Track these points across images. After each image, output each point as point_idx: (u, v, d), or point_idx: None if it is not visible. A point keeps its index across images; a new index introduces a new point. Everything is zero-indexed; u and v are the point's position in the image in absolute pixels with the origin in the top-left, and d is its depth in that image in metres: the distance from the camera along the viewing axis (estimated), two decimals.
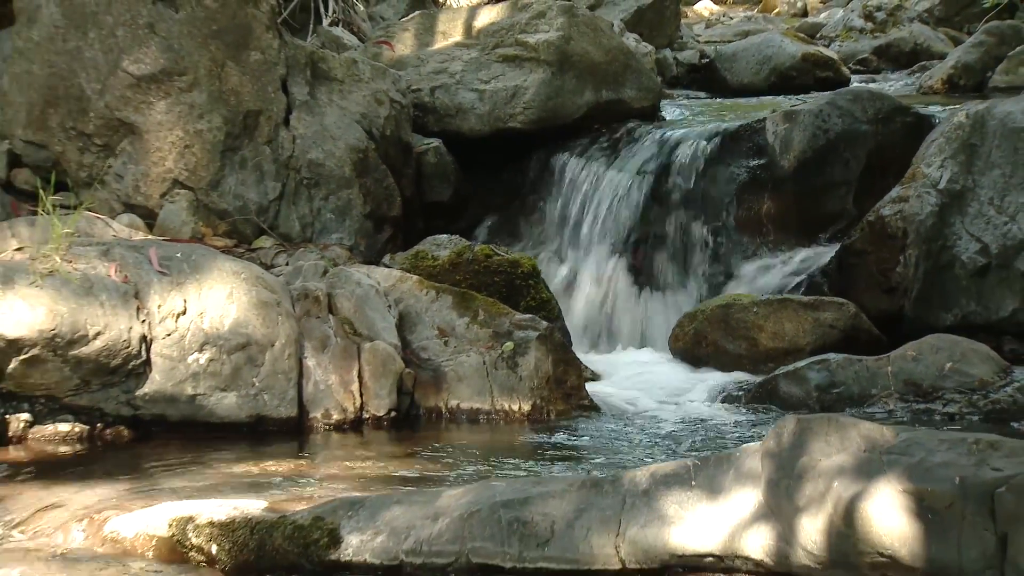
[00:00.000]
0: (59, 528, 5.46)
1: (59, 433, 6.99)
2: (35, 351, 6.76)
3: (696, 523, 4.84)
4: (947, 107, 10.07)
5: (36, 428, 6.97)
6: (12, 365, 6.78)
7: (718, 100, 12.40)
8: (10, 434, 6.90)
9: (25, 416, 6.95)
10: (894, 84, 12.85)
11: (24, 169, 9.15)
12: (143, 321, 6.99)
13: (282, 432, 7.16)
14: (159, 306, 7.06)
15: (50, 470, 6.42)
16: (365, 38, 11.78)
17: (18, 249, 7.46)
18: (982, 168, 8.59)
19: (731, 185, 9.85)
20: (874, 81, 13.15)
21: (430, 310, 7.78)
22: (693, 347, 8.63)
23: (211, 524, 5.25)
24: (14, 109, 9.21)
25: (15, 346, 6.73)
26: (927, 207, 8.63)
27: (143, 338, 6.97)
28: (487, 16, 11.13)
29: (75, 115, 9.08)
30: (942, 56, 13.55)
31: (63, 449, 6.89)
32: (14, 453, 6.74)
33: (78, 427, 7.02)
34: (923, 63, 13.81)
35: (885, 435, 4.89)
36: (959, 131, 8.76)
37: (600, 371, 8.39)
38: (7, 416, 6.92)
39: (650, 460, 6.13)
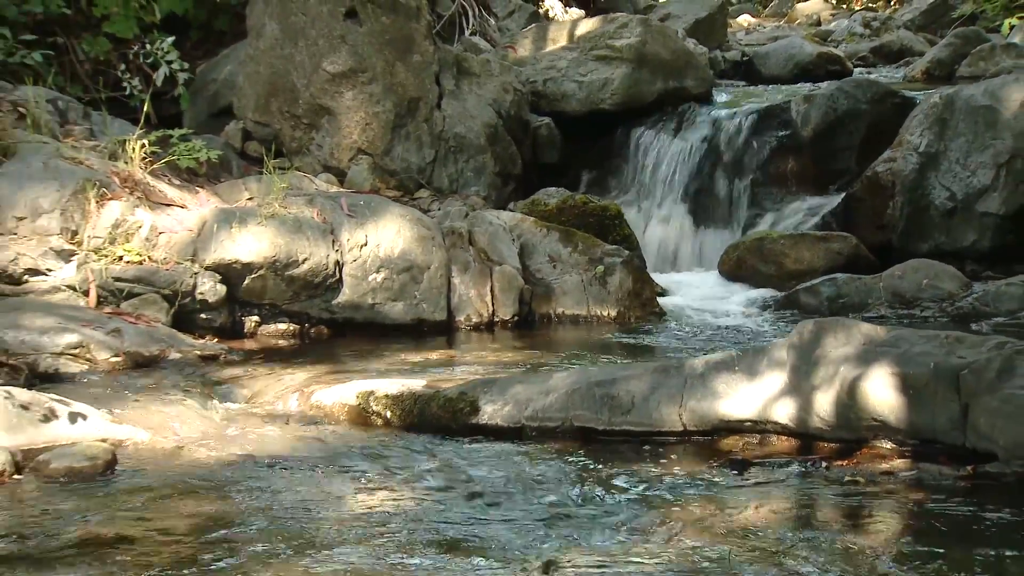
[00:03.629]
0: (280, 398, 5.55)
1: (279, 330, 7.09)
2: (262, 272, 6.86)
3: (738, 397, 4.82)
4: (925, 91, 9.84)
5: (263, 327, 7.08)
6: (246, 282, 6.89)
7: (755, 87, 12.17)
8: (245, 331, 7.02)
9: (255, 318, 7.06)
10: (886, 74, 12.54)
11: (253, 141, 9.24)
12: (337, 250, 7.05)
13: (435, 331, 7.21)
14: (348, 239, 7.11)
15: (273, 357, 6.52)
16: (495, 44, 11.70)
17: (249, 199, 7.56)
18: (951, 136, 8.45)
19: (764, 149, 9.73)
20: (871, 72, 12.83)
21: (543, 242, 7.76)
22: (736, 269, 8.57)
23: (387, 396, 5.32)
24: (246, 99, 9.29)
25: (248, 268, 6.83)
26: (910, 165, 8.51)
27: (337, 263, 7.03)
28: (585, 27, 11.04)
29: (289, 102, 9.14)
30: (922, 53, 13.23)
31: (281, 342, 6.99)
32: (248, 344, 6.85)
33: (292, 326, 7.12)
34: (907, 59, 13.48)
35: (879, 332, 4.84)
36: (934, 109, 8.62)
37: (667, 287, 8.33)
38: (243, 318, 7.04)
39: (704, 351, 6.09)
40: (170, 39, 9.66)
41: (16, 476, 4.47)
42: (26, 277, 6.65)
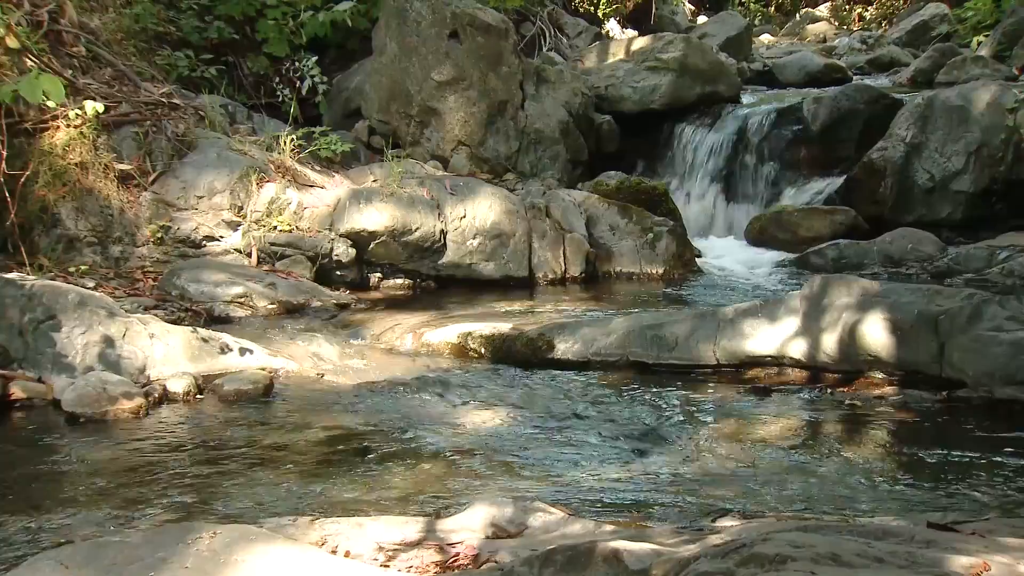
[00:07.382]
0: (398, 337, 5.60)
1: (396, 284, 7.13)
2: (383, 238, 6.90)
3: (761, 337, 4.77)
4: (911, 94, 9.57)
5: (384, 281, 7.13)
6: (371, 246, 6.94)
7: (774, 91, 11.92)
8: (371, 284, 7.07)
9: (378, 275, 7.12)
10: (879, 81, 12.19)
11: (376, 136, 9.27)
12: (442, 221, 7.07)
13: (519, 286, 7.20)
14: (451, 213, 7.12)
15: (392, 305, 6.58)
16: (567, 58, 11.59)
17: (374, 181, 7.60)
18: (931, 130, 8.22)
19: (782, 141, 9.52)
20: (867, 79, 12.48)
21: (605, 215, 7.71)
22: (759, 236, 8.44)
23: (481, 336, 5.34)
24: (371, 103, 9.32)
25: (373, 235, 6.88)
26: (898, 153, 8.29)
27: (442, 231, 7.05)
28: (638, 43, 10.88)
29: (405, 105, 9.15)
30: (907, 64, 12.85)
31: (398, 293, 7.04)
32: (372, 295, 6.91)
33: (406, 281, 7.15)
34: (896, 68, 13.09)
35: (874, 286, 4.77)
36: (918, 108, 8.39)
37: (704, 250, 8.24)
38: (369, 274, 7.09)
39: (733, 301, 6.03)
40: (313, 57, 9.76)
41: (198, 396, 4.59)
42: (204, 242, 6.78)
